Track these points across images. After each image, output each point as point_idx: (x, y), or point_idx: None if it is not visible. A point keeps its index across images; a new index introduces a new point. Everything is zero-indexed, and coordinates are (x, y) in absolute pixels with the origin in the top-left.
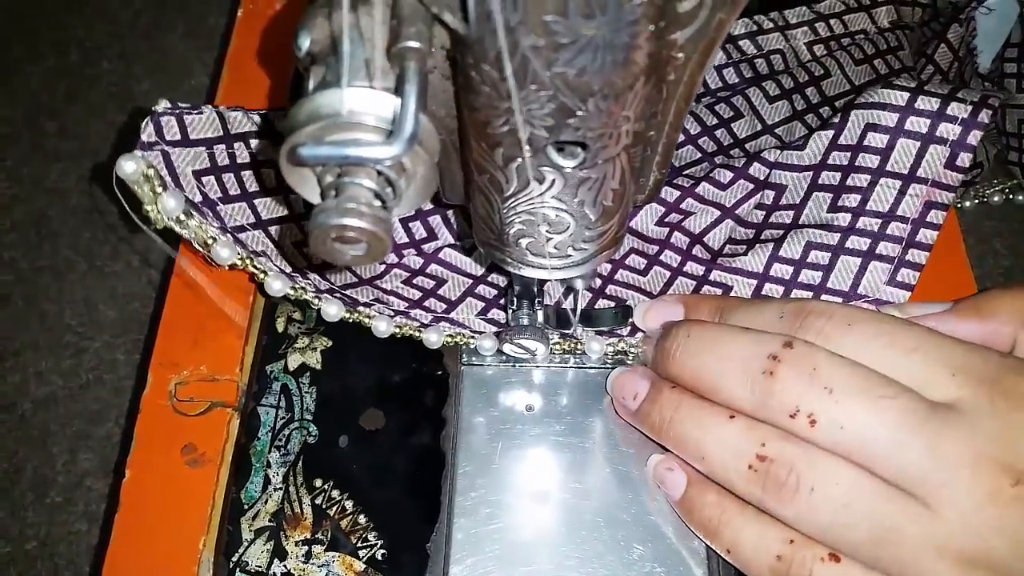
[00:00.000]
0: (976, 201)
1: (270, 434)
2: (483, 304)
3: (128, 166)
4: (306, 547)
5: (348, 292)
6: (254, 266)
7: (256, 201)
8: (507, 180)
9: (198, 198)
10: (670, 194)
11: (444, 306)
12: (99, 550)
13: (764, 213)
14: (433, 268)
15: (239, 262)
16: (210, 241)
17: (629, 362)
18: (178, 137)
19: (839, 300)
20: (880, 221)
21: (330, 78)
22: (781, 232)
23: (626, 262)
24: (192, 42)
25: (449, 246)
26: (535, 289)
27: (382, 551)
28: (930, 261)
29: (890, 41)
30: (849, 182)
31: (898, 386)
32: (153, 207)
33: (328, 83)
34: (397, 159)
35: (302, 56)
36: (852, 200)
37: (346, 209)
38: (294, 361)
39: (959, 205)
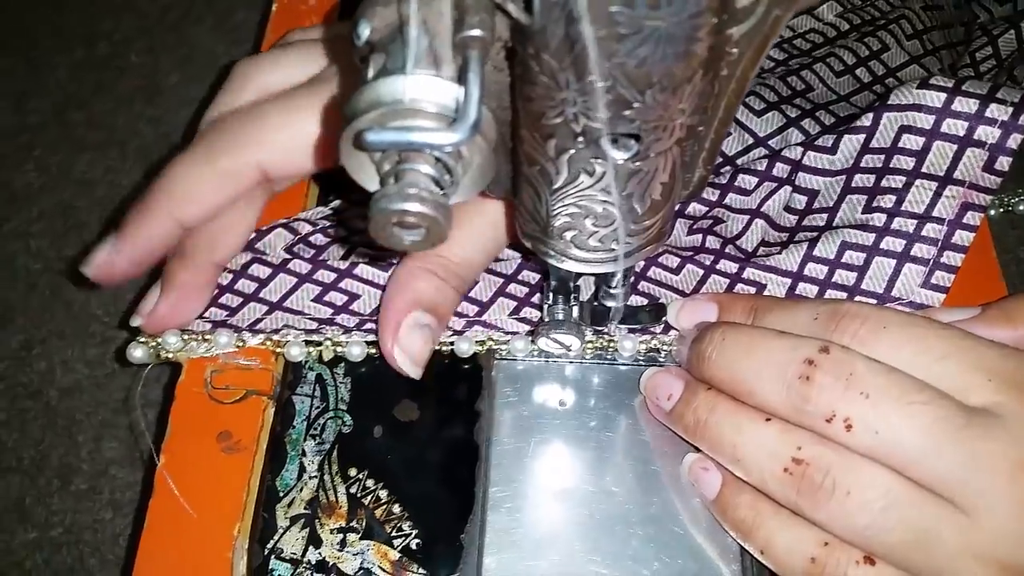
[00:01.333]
0: (1001, 210)
1: (305, 423)
2: (515, 303)
3: (138, 353)
4: (341, 535)
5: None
6: (269, 342)
7: (262, 293)
8: (557, 172)
9: (207, 328)
10: (696, 209)
11: (476, 308)
12: (132, 537)
13: (797, 218)
14: None
15: (240, 344)
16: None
17: (661, 360)
18: None
19: (873, 302)
20: (916, 222)
21: (391, 66)
22: (815, 233)
23: (659, 260)
24: (220, 36)
25: None
26: (571, 284)
27: (416, 540)
28: (960, 266)
29: (872, 45)
30: (884, 183)
31: (934, 391)
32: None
33: (389, 71)
34: (460, 145)
35: (361, 45)
36: (887, 201)
37: (408, 194)
38: (328, 352)
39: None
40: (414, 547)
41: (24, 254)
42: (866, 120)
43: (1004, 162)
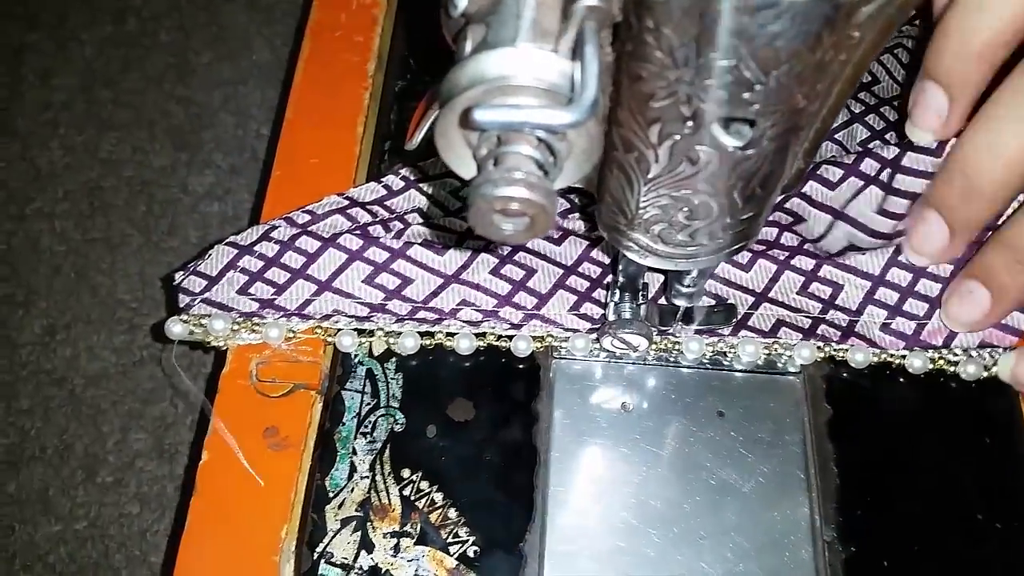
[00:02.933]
0: None
1: (355, 420)
2: (576, 298)
3: (176, 328)
4: (395, 540)
5: (432, 303)
6: (320, 330)
7: (310, 269)
8: (657, 159)
9: (254, 307)
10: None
11: (535, 300)
12: (172, 537)
13: (895, 223)
14: (521, 256)
15: (291, 335)
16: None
17: (726, 363)
18: (205, 284)
19: None
20: None
21: (493, 39)
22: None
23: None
24: (253, 15)
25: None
26: (641, 282)
27: (474, 548)
28: None
29: None
30: None
31: None
32: (211, 339)
33: (492, 44)
34: (577, 126)
35: (456, 16)
36: None
37: (514, 179)
38: (379, 346)
39: None
40: (471, 555)
41: (48, 235)
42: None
43: None
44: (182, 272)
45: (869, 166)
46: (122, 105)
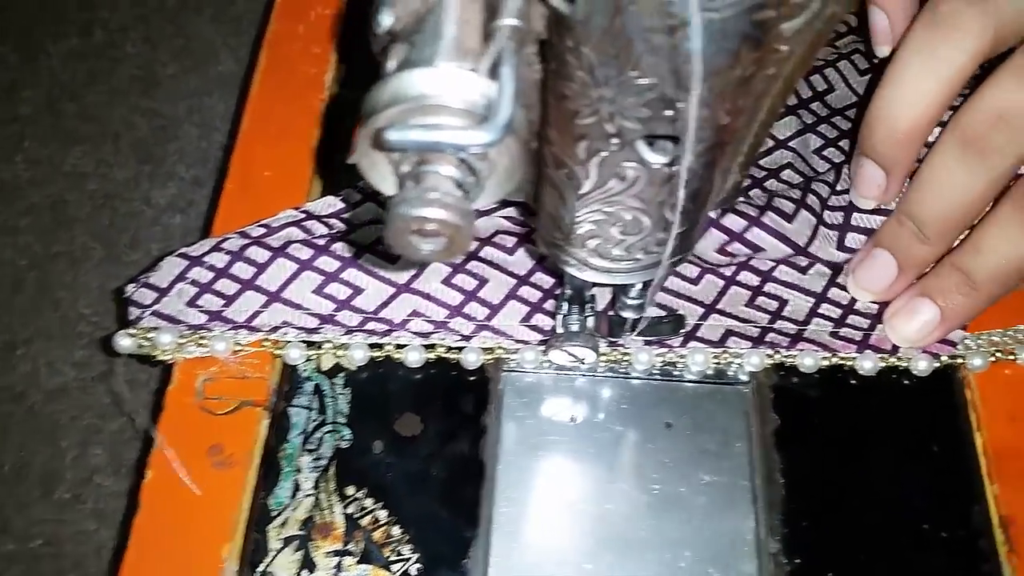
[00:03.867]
0: None
1: (301, 437)
2: (527, 309)
3: (124, 342)
4: (337, 559)
5: (382, 314)
6: (268, 343)
7: (260, 280)
8: (587, 175)
9: (203, 319)
10: (733, 222)
11: (486, 311)
12: (116, 554)
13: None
14: (474, 265)
15: (238, 348)
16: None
17: (676, 374)
18: (155, 296)
19: None
20: None
21: (415, 57)
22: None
23: (677, 269)
24: (219, 27)
25: (490, 244)
26: (587, 294)
27: (417, 566)
28: None
29: None
30: None
31: None
32: (158, 353)
33: (414, 62)
34: (492, 146)
35: (381, 33)
36: None
37: (429, 199)
38: (328, 361)
39: None
40: (414, 573)
41: (10, 250)
42: None
43: None
44: (133, 284)
45: (813, 202)
46: (87, 118)
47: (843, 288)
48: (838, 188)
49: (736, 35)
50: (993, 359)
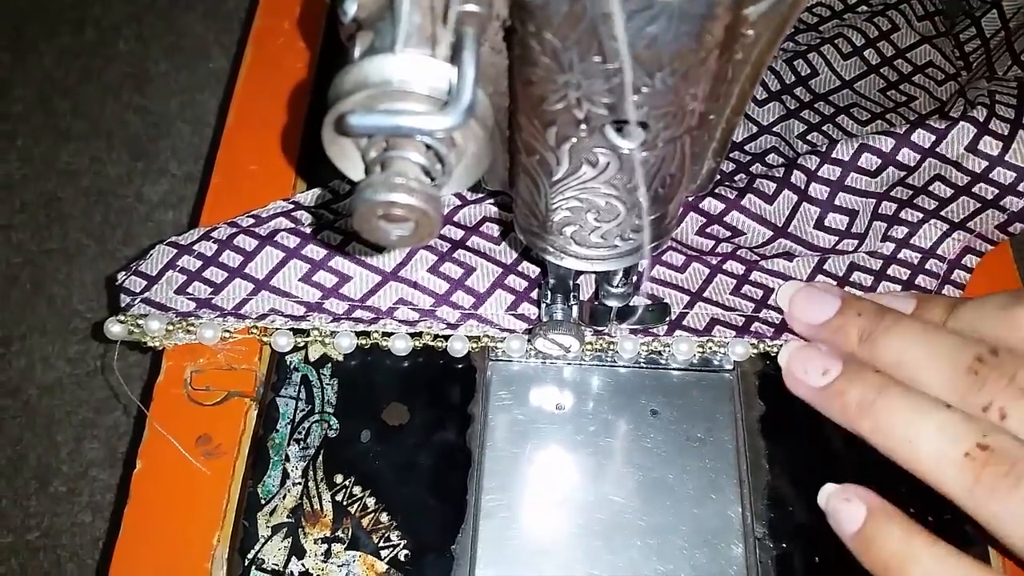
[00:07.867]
0: None
1: (289, 426)
2: (513, 297)
3: (115, 329)
4: (325, 545)
5: (369, 302)
6: (255, 330)
7: (248, 268)
8: (558, 162)
9: (191, 307)
10: (713, 206)
11: (472, 300)
12: (107, 543)
13: (836, 239)
14: (460, 253)
15: (226, 335)
16: (191, 333)
17: (662, 362)
18: (145, 283)
19: None
20: (920, 256)
21: (379, 44)
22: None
23: (663, 257)
24: (211, 24)
25: (477, 233)
26: (571, 283)
27: (405, 552)
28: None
29: (881, 25)
30: (902, 215)
31: None
32: (147, 340)
33: (377, 49)
34: (452, 131)
35: (347, 22)
36: (899, 232)
37: (395, 184)
38: (315, 352)
39: None
40: (403, 558)
41: (4, 246)
42: (907, 157)
43: (1019, 227)
44: (124, 272)
45: (798, 178)
46: (80, 116)
47: (829, 277)
48: (832, 156)
49: (694, 19)
50: None
